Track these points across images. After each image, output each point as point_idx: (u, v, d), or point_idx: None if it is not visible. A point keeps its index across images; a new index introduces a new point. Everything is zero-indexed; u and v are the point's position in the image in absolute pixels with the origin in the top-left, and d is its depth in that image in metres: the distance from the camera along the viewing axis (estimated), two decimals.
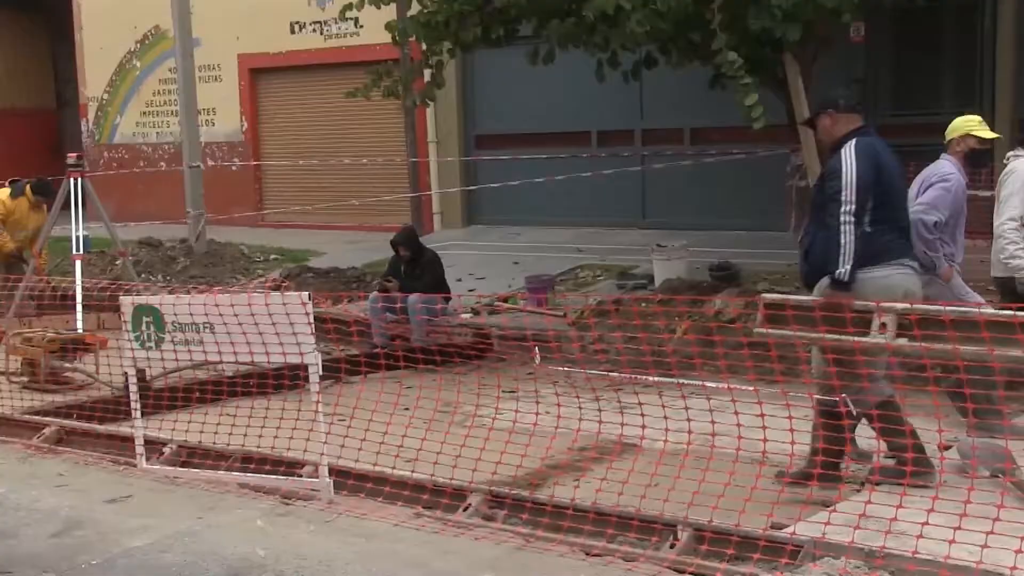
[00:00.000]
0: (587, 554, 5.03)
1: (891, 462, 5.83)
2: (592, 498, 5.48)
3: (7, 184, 12.11)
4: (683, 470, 5.65)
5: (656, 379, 6.36)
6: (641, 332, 6.77)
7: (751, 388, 5.61)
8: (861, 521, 4.76)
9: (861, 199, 5.87)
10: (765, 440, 5.26)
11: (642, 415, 5.92)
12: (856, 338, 5.29)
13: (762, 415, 5.36)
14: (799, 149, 10.53)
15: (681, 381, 6.31)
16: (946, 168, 7.01)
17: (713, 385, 6.18)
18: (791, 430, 5.11)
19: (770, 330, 5.68)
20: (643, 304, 7.46)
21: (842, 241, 5.87)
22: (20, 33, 23.20)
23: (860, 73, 13.43)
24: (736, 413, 5.45)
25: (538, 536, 5.25)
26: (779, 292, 10.48)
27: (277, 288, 11.48)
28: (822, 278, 5.97)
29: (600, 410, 6.13)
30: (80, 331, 9.81)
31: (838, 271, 5.84)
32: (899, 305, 5.32)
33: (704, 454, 5.90)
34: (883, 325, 5.23)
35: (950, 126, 7.20)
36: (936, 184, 6.90)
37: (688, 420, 5.67)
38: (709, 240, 13.11)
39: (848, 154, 5.98)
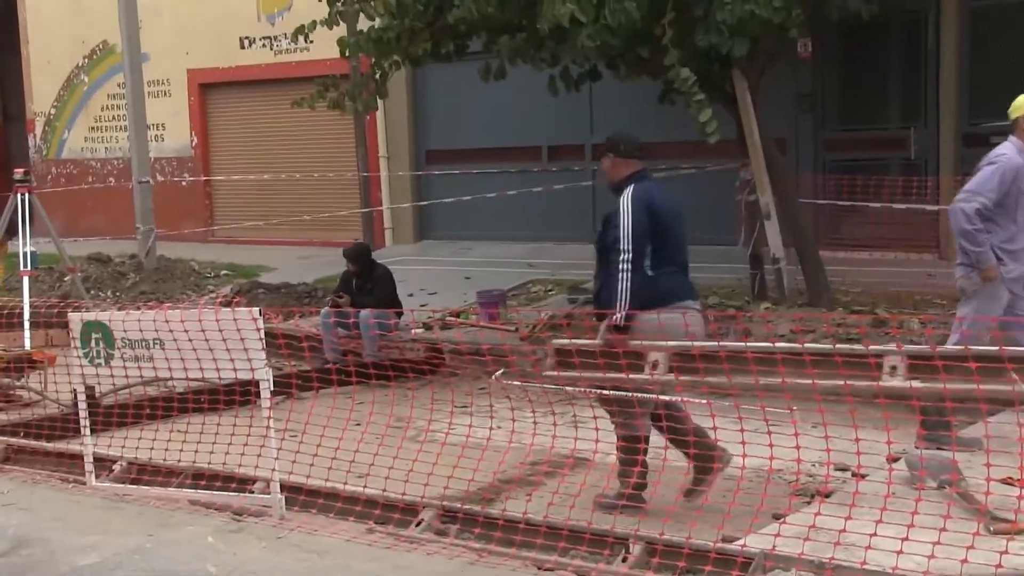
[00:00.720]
0: (539, 568, 5.04)
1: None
2: (544, 512, 5.51)
3: None
4: (634, 483, 5.70)
5: (610, 393, 6.38)
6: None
7: (703, 401, 5.67)
8: (811, 533, 4.82)
9: (638, 246, 6.21)
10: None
11: (596, 429, 5.95)
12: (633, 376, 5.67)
13: (715, 428, 5.42)
14: (748, 164, 10.65)
15: (635, 395, 6.33)
16: (1000, 149, 6.68)
17: (666, 399, 6.22)
18: (743, 443, 5.16)
19: (560, 373, 6.02)
20: (595, 318, 7.49)
21: (620, 288, 6.20)
22: None
23: (807, 88, 13.60)
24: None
25: (491, 551, 5.25)
26: (729, 306, 10.64)
27: (228, 304, 11.42)
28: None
29: (555, 424, 6.16)
30: (28, 348, 9.70)
31: (614, 316, 6.15)
32: (672, 343, 5.70)
33: (655, 467, 5.96)
34: (655, 364, 5.65)
35: (1013, 103, 6.75)
36: (983, 167, 6.65)
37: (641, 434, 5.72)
38: None
39: (625, 202, 6.34)
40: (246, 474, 6.30)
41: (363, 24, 10.92)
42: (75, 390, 6.55)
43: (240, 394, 7.50)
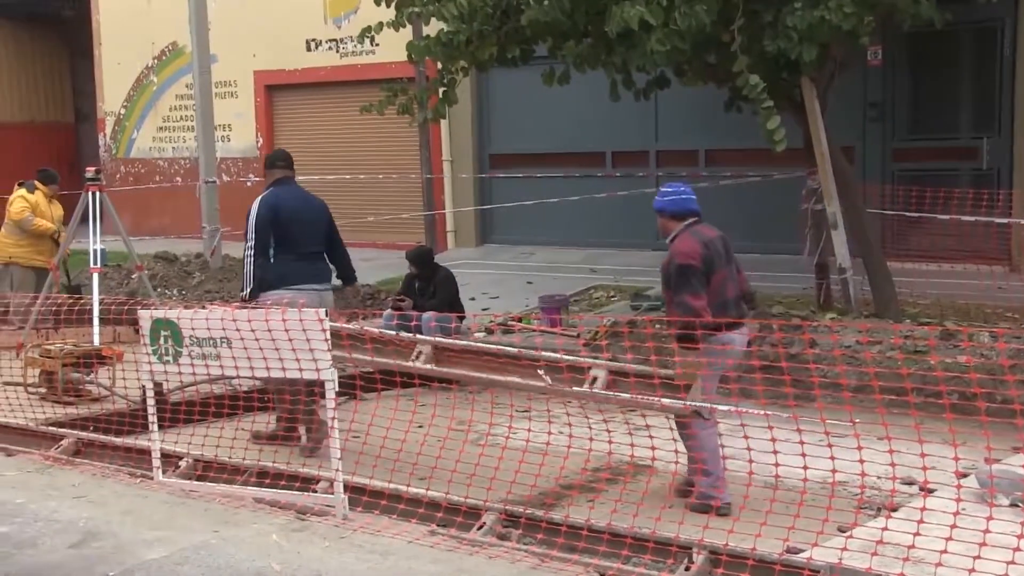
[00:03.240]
0: (601, 575, 5.03)
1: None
2: (607, 519, 5.49)
3: (17, 186, 12.21)
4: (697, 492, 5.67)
5: (667, 402, 6.36)
6: (654, 355, 6.77)
7: (762, 412, 5.62)
8: (878, 547, 4.76)
9: (261, 238, 7.78)
10: (777, 464, 5.27)
11: (651, 436, 5.93)
12: None
13: (773, 439, 5.36)
14: (815, 172, 10.54)
15: (691, 404, 6.31)
16: None
17: (724, 408, 6.18)
18: (803, 455, 5.11)
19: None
20: (657, 326, 7.44)
21: (245, 271, 7.88)
22: (41, 49, 23.35)
23: (877, 96, 13.45)
24: (746, 437, 5.46)
25: (552, 556, 5.25)
26: (794, 315, 10.53)
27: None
28: None
29: (609, 431, 6.15)
30: (97, 344, 9.85)
31: (242, 293, 7.93)
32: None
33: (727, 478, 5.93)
34: None
35: None
36: None
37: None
38: None
39: (255, 203, 7.96)
40: (310, 473, 6.35)
41: (428, 28, 10.97)
42: (144, 386, 6.63)
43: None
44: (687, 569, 5.00)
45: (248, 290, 7.80)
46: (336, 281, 8.56)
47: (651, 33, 8.84)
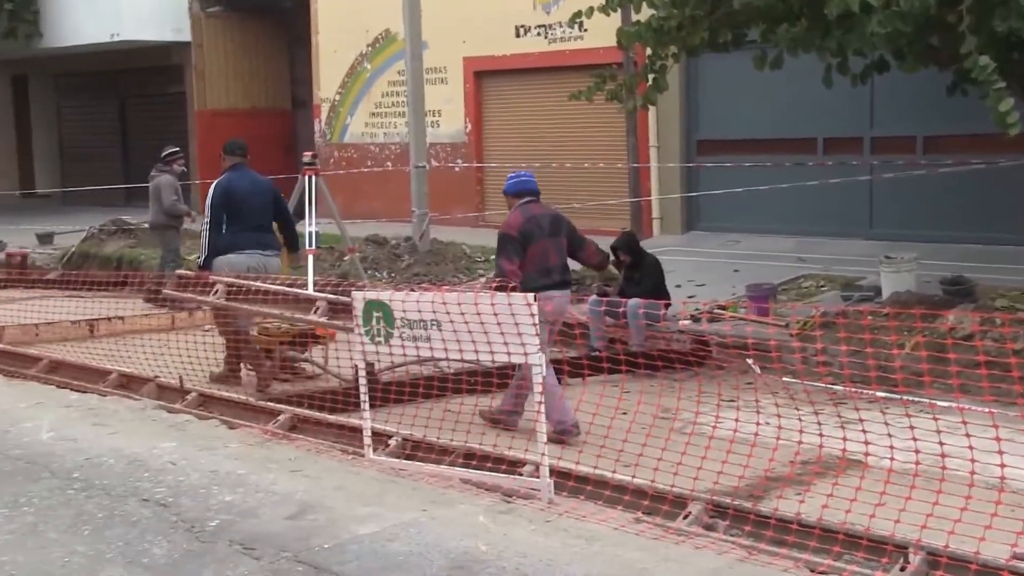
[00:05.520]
0: (812, 571, 4.90)
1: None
2: (818, 514, 5.35)
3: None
4: (913, 491, 5.45)
5: (881, 395, 6.15)
6: (868, 346, 6.56)
7: (986, 410, 5.36)
8: None
9: (215, 214, 9.55)
10: (1003, 465, 5.03)
11: (864, 431, 5.74)
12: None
13: (998, 439, 5.10)
14: None
15: (908, 398, 6.08)
16: None
17: (944, 404, 5.94)
18: None
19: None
20: (871, 316, 7.22)
21: (202, 241, 9.77)
22: (262, 38, 24.32)
23: None
24: (967, 435, 5.22)
25: (760, 549, 5.16)
26: (1020, 309, 10.04)
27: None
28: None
29: (820, 424, 5.98)
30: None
31: (198, 259, 9.98)
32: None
33: (935, 475, 5.68)
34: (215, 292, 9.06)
35: None
36: None
37: (914, 439, 5.46)
38: (938, 253, 12.59)
39: (212, 186, 9.74)
40: (516, 456, 6.40)
41: (642, 14, 10.88)
42: (356, 366, 6.80)
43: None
44: (902, 569, 4.83)
45: (203, 256, 9.65)
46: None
47: (871, 15, 8.54)
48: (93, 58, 25.16)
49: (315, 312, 8.55)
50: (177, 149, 14.60)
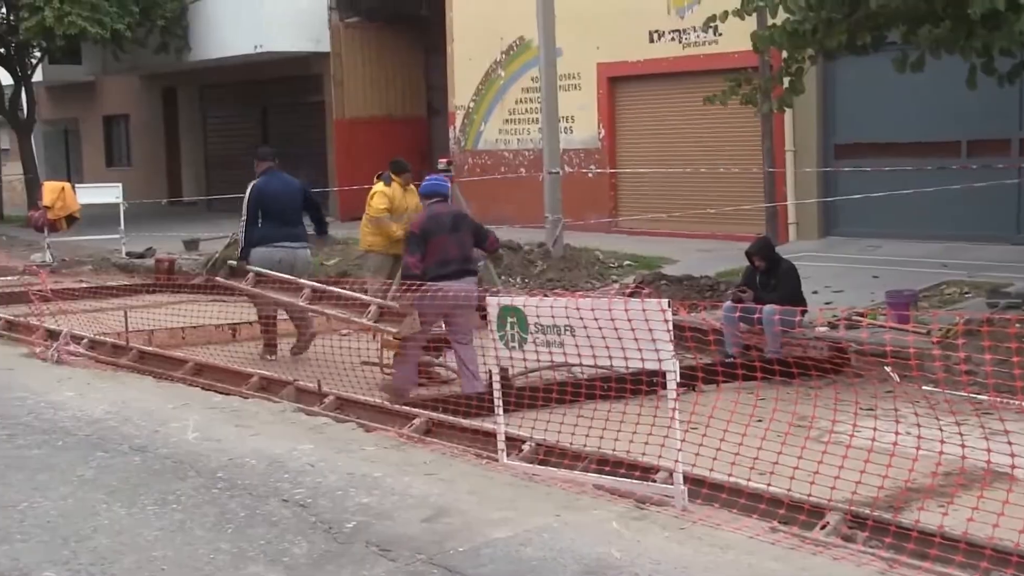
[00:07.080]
0: None
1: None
2: (963, 527, 5.20)
3: (376, 179, 12.82)
4: None
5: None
6: (1015, 355, 6.35)
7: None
8: None
9: (251, 213, 11.02)
10: None
11: (1010, 443, 5.56)
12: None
13: None
14: None
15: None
16: None
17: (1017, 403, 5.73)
18: None
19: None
20: (1019, 325, 6.97)
21: (240, 238, 11.24)
22: (398, 47, 24.71)
23: None
24: None
25: (901, 562, 5.04)
26: None
27: (634, 294, 11.61)
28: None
29: (962, 435, 5.81)
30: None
31: (240, 253, 11.31)
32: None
33: None
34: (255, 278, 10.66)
35: None
36: None
37: None
38: None
39: (248, 188, 11.17)
40: (649, 463, 6.37)
41: (777, 17, 10.75)
42: (490, 371, 6.86)
43: (645, 384, 7.59)
44: None
45: (241, 248, 11.17)
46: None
47: (1019, 13, 8.28)
48: (237, 69, 25.94)
49: (366, 316, 9.56)
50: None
